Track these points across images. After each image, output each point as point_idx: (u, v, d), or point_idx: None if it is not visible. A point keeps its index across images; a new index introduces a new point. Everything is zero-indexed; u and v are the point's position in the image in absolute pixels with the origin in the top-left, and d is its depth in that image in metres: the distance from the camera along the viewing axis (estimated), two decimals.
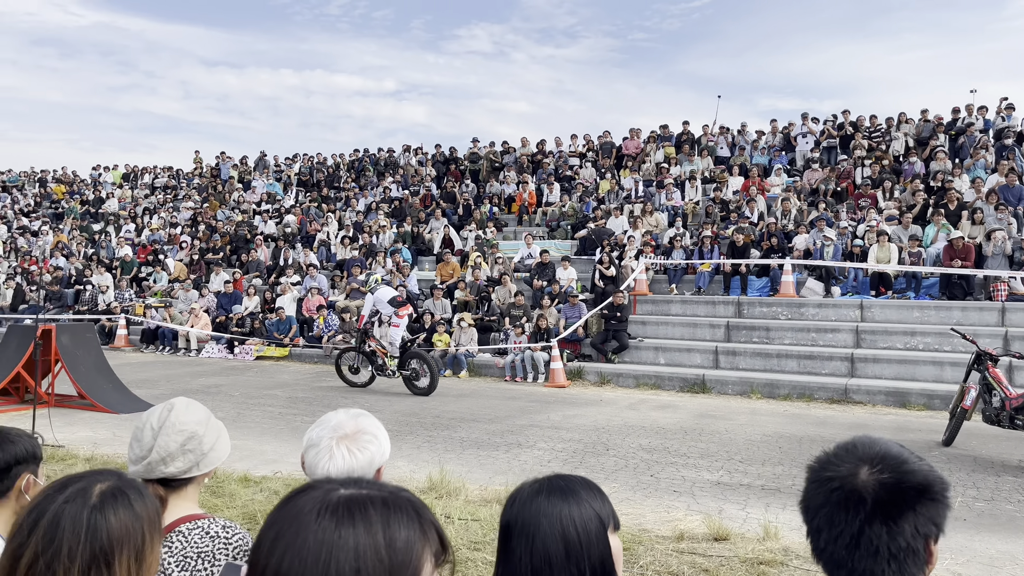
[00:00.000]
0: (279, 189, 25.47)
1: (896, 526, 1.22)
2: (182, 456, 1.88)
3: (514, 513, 1.56)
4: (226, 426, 2.10)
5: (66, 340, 10.29)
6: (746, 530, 5.41)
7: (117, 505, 1.26)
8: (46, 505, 1.22)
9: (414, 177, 23.54)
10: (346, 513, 0.91)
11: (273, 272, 19.40)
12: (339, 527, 0.90)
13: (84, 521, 1.22)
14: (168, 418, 1.90)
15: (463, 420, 9.81)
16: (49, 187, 30.89)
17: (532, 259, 17.06)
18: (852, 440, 1.35)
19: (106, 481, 1.30)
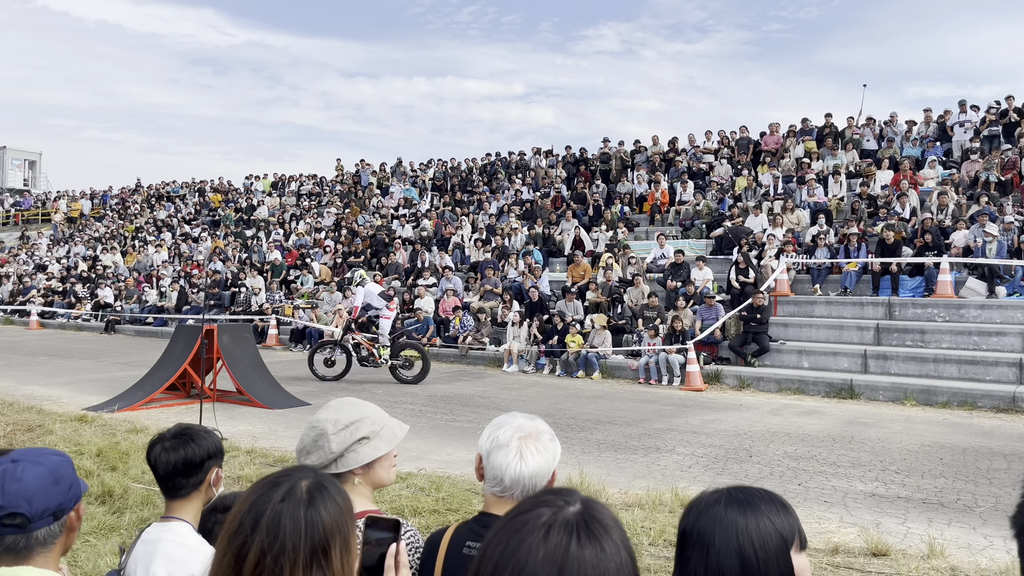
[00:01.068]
0: (415, 194, 26.30)
1: None
2: (316, 452, 1.96)
3: (690, 522, 1.53)
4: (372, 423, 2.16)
5: (226, 339, 11.04)
6: (907, 546, 5.09)
7: (325, 499, 1.33)
8: (263, 505, 1.30)
9: (544, 179, 23.69)
10: (579, 531, 0.95)
11: (411, 274, 20.05)
12: (581, 546, 0.94)
13: (302, 518, 1.29)
14: (316, 415, 2.02)
15: (599, 422, 9.77)
16: (207, 196, 33.30)
17: (665, 259, 16.78)
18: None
19: (307, 478, 1.38)
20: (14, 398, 10.54)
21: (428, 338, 16.70)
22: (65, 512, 1.54)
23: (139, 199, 36.42)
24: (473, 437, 8.83)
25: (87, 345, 18.92)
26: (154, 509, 5.71)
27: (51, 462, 1.53)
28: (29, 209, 40.35)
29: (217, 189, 33.85)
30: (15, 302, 26.49)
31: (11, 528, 1.45)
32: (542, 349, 14.98)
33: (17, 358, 15.92)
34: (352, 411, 2.03)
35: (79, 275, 27.26)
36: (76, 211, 37.10)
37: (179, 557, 1.97)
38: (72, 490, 1.56)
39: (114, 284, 25.05)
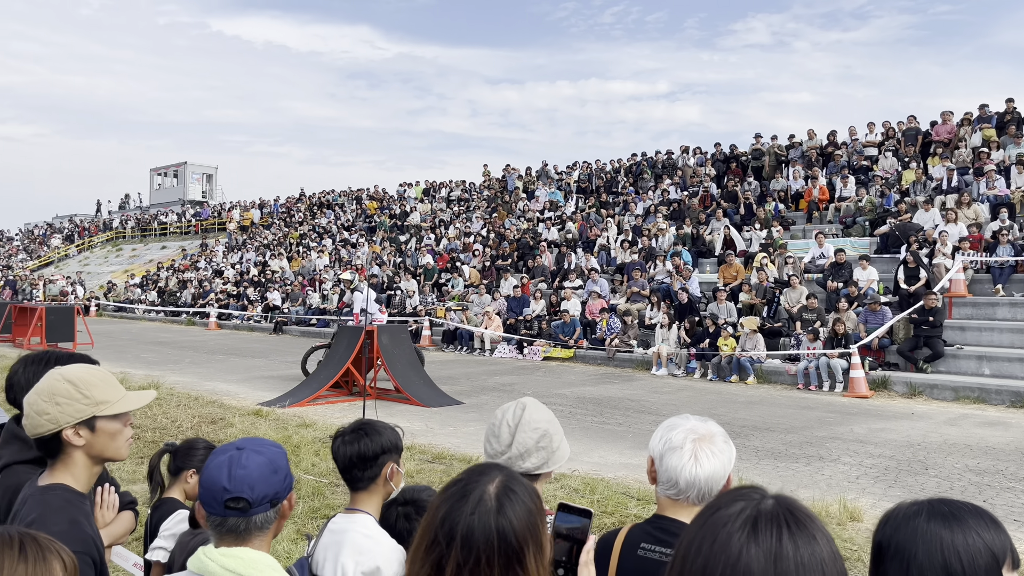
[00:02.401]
0: (560, 197, 26.45)
1: None
2: (536, 453, 1.99)
3: (887, 534, 1.44)
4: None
5: (385, 339, 11.54)
6: None
7: (515, 505, 1.36)
8: (456, 517, 1.34)
9: (692, 178, 23.15)
10: (788, 522, 0.92)
11: (557, 276, 20.17)
12: (788, 539, 0.91)
13: (494, 529, 1.33)
14: (523, 416, 2.02)
15: (756, 429, 9.42)
16: (364, 204, 34.99)
17: (825, 259, 15.95)
18: None
19: (493, 481, 1.41)
20: (199, 393, 11.51)
21: (575, 340, 16.74)
22: (280, 500, 1.65)
23: (302, 207, 38.81)
24: (624, 440, 8.75)
25: (258, 345, 20.36)
26: (323, 500, 6.05)
27: (271, 452, 1.65)
28: (207, 219, 43.95)
29: (373, 197, 35.50)
30: (196, 305, 28.93)
31: (235, 511, 1.57)
32: (692, 352, 14.63)
33: (199, 356, 17.37)
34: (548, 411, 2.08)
35: (250, 279, 29.40)
36: (247, 220, 40.05)
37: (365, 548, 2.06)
38: (287, 480, 1.67)
39: (281, 288, 26.82)
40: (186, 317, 28.30)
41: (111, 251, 46.43)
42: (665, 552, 1.86)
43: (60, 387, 1.90)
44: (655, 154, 26.03)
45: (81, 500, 1.90)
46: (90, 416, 1.91)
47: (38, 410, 1.87)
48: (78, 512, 1.85)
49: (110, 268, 41.80)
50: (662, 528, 1.89)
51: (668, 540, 1.86)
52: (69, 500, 1.86)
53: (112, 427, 1.94)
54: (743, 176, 22.05)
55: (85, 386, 1.91)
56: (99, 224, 51.69)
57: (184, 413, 9.54)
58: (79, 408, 1.90)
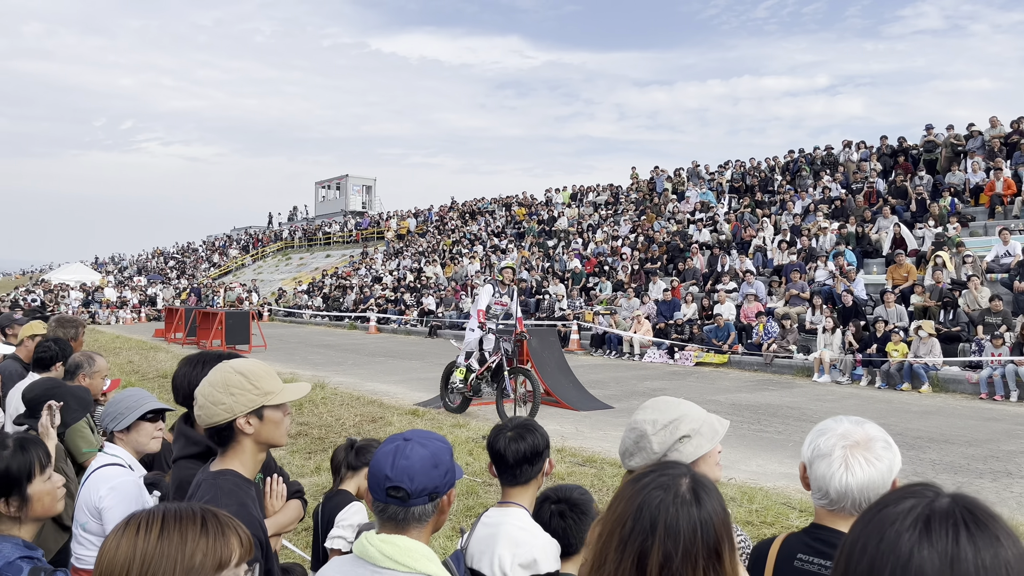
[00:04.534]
0: (712, 197, 25.72)
1: None
2: (638, 453, 1.94)
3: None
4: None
5: (535, 344, 11.66)
6: None
7: (711, 500, 1.33)
8: (655, 506, 1.32)
9: (856, 174, 21.81)
10: (966, 522, 0.85)
11: (709, 279, 19.61)
12: (967, 540, 0.83)
13: (696, 519, 1.30)
14: (633, 416, 2.01)
15: (931, 440, 8.72)
16: (513, 210, 35.59)
17: (1011, 257, 14.57)
18: None
19: (683, 475, 1.38)
20: (360, 392, 12.09)
21: (729, 345, 16.20)
22: (439, 495, 1.68)
23: (454, 215, 40.01)
24: (784, 448, 8.37)
25: (415, 347, 21.15)
26: (477, 498, 6.17)
27: (435, 447, 1.69)
28: (367, 228, 46.24)
29: (522, 203, 36.04)
30: (357, 309, 30.48)
31: (395, 500, 1.63)
32: (859, 358, 13.76)
33: (361, 358, 18.27)
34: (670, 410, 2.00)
35: (407, 285, 30.63)
36: (404, 228, 41.79)
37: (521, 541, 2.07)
38: (448, 476, 1.70)
39: (435, 293, 27.75)
40: (348, 321, 29.86)
41: (281, 260, 49.85)
42: (824, 564, 1.75)
43: (233, 379, 2.03)
44: (813, 150, 24.78)
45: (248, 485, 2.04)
46: (260, 406, 2.04)
47: (214, 400, 2.01)
48: (246, 496, 1.98)
49: (280, 276, 44.87)
50: (820, 539, 1.78)
51: (827, 551, 1.75)
52: (238, 484, 1.99)
53: (277, 416, 2.07)
54: (913, 170, 20.54)
55: (255, 377, 2.05)
56: (270, 235, 55.65)
57: (347, 412, 10.04)
58: (251, 398, 2.03)
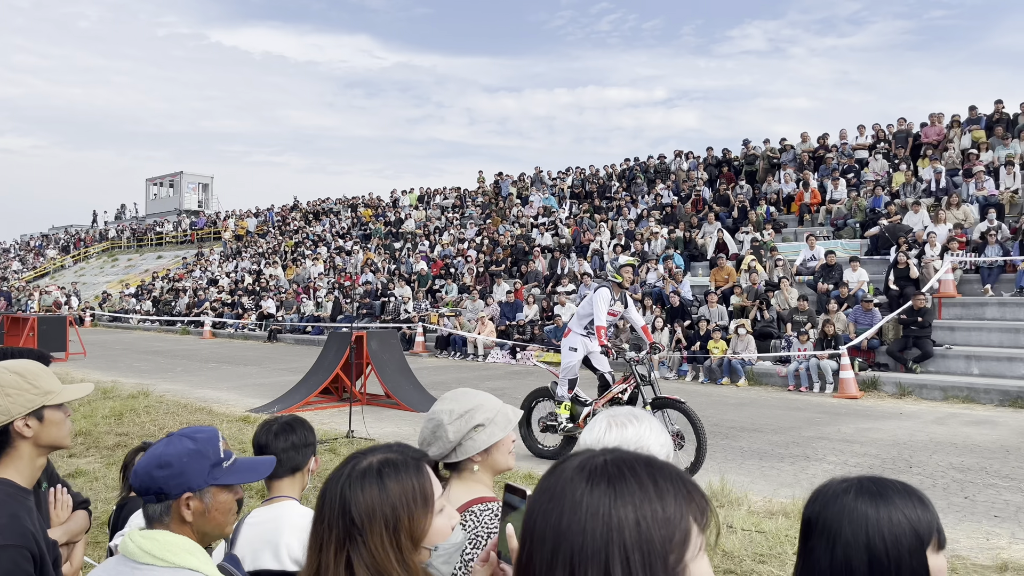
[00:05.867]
0: (554, 202, 26.50)
1: None
2: (435, 442, 2.03)
3: (815, 510, 1.44)
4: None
5: (375, 345, 11.56)
6: None
7: (368, 482, 1.38)
8: (327, 485, 1.42)
9: (685, 182, 23.22)
10: (616, 473, 0.92)
11: (550, 281, 20.20)
12: (613, 486, 0.91)
13: (338, 496, 1.38)
14: (432, 407, 2.09)
15: (743, 430, 9.44)
16: (359, 212, 35.04)
17: (816, 261, 15.99)
18: None
19: (377, 456, 1.44)
20: (188, 400, 11.51)
21: None
22: (168, 497, 1.60)
23: (297, 216, 38.86)
24: None
25: (252, 353, 20.36)
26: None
27: (168, 450, 1.62)
28: (202, 228, 44.00)
29: (368, 204, 35.55)
30: (191, 313, 28.93)
31: (147, 497, 1.61)
32: (684, 355, 14.66)
33: (192, 364, 17.37)
34: (466, 400, 2.09)
35: (245, 288, 29.42)
36: (243, 229, 40.09)
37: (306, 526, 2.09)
38: (179, 479, 1.60)
39: (276, 296, 26.83)
40: (181, 326, 28.30)
41: (107, 261, 46.44)
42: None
43: (8, 379, 1.92)
44: (647, 159, 26.11)
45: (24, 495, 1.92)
46: (40, 406, 1.93)
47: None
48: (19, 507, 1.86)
49: (105, 279, 41.80)
50: None
51: None
52: (11, 495, 1.88)
53: (58, 416, 1.97)
54: (735, 180, 22.12)
55: (32, 376, 1.94)
56: (95, 235, 51.71)
57: (172, 420, 9.54)
58: (29, 398, 1.92)
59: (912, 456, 7.80)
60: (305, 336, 23.08)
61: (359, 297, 23.72)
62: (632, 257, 9.31)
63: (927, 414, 10.28)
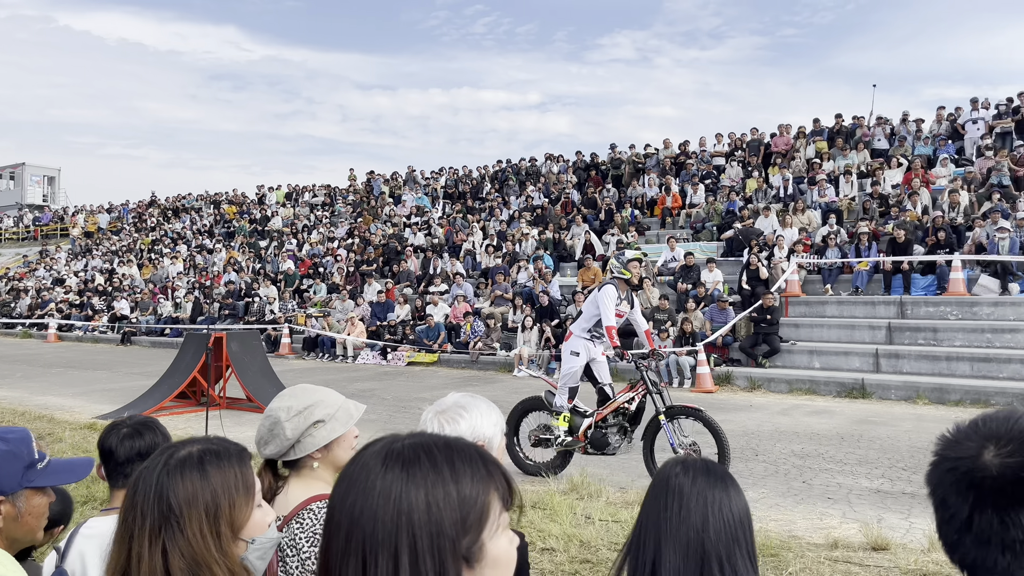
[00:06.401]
0: (427, 202, 26.41)
1: (1012, 516, 1.04)
2: (272, 440, 2.00)
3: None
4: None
5: (235, 347, 11.12)
6: (908, 540, 5.03)
7: (188, 470, 1.34)
8: (143, 472, 1.36)
9: (555, 184, 23.72)
10: (412, 457, 0.93)
11: (422, 281, 20.11)
12: (407, 470, 0.92)
13: (154, 484, 1.33)
14: (270, 404, 2.05)
15: None
16: (222, 208, 33.60)
17: (676, 262, 16.73)
18: (988, 414, 1.18)
19: (196, 446, 1.40)
20: (27, 408, 10.67)
21: (439, 345, 16.74)
22: None
23: (155, 212, 36.81)
24: None
25: (103, 356, 19.12)
26: None
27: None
28: (48, 224, 40.90)
29: (232, 201, 34.16)
30: (33, 315, 26.83)
31: None
32: (553, 353, 14.96)
33: (33, 370, 16.11)
34: (305, 397, 2.05)
35: (96, 288, 27.57)
36: (93, 225, 37.56)
37: None
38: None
39: (130, 296, 25.31)
40: (21, 329, 26.18)
41: None
42: None
43: None
44: (519, 161, 26.48)
45: None
46: None
47: None
48: None
49: None
50: None
51: None
52: None
53: None
54: (603, 184, 22.80)
55: None
56: None
57: None
58: None
59: (758, 445, 8.30)
60: (162, 339, 21.91)
61: (221, 297, 22.75)
62: (638, 251, 8.46)
63: (774, 406, 10.97)
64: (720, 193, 19.36)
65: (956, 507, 1.09)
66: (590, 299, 7.41)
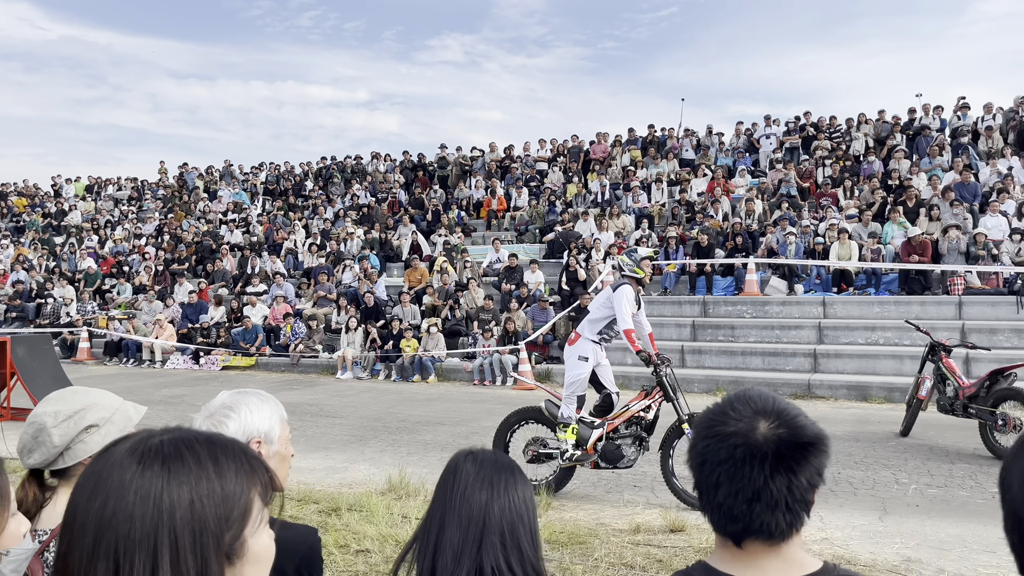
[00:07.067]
0: (245, 198, 25.26)
1: (796, 478, 1.23)
2: (37, 448, 1.86)
3: None
4: None
5: (21, 352, 10.10)
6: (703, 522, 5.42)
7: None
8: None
9: (382, 184, 23.48)
10: (173, 453, 0.90)
11: (239, 281, 19.21)
12: (168, 467, 0.88)
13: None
14: (34, 410, 1.90)
15: (428, 424, 9.77)
16: (10, 200, 30.36)
17: (500, 263, 17.07)
18: (746, 393, 1.34)
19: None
20: None
21: (257, 347, 16.07)
22: None
23: None
24: (296, 444, 8.55)
25: None
26: None
27: None
28: None
29: (22, 193, 30.94)
30: None
31: None
32: (378, 355, 14.81)
33: None
34: (75, 400, 1.91)
35: None
36: None
37: None
38: None
39: None
40: None
41: None
42: None
43: None
44: (344, 159, 25.97)
45: None
46: None
47: None
48: None
49: None
50: None
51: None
52: None
53: None
54: (430, 184, 22.85)
55: None
56: None
57: None
58: None
59: None
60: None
61: (7, 299, 20.54)
62: (650, 248, 7.73)
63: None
64: (543, 197, 20.00)
65: (749, 478, 1.24)
66: (601, 299, 6.89)
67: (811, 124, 19.70)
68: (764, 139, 19.86)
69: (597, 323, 6.78)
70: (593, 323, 6.80)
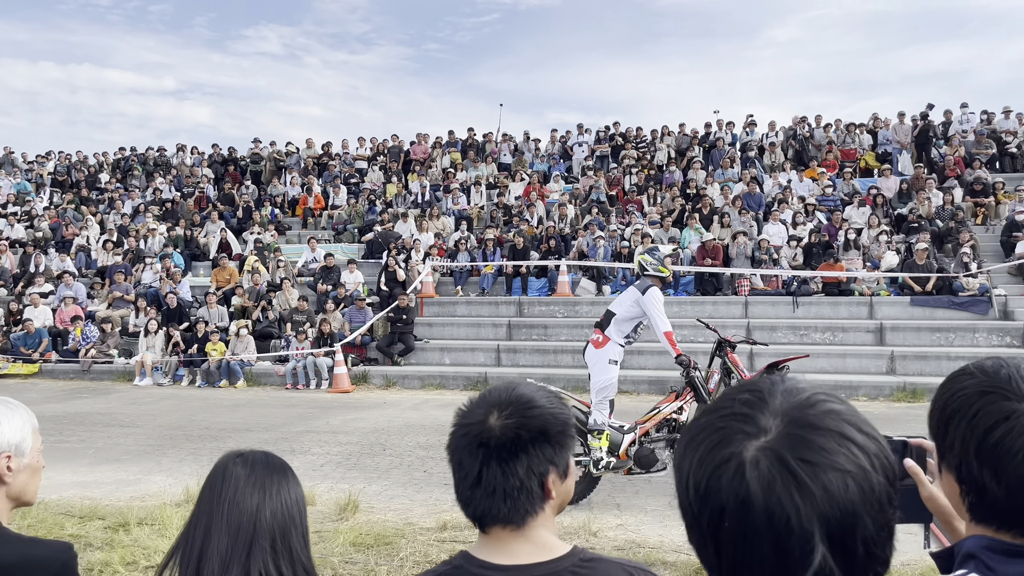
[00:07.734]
0: (29, 189, 22.88)
1: (509, 467, 1.27)
2: None
3: None
4: None
5: None
6: None
7: None
8: None
9: (189, 178, 22.12)
10: None
11: (20, 280, 17.37)
12: None
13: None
14: None
15: (235, 431, 9.33)
16: None
17: (316, 263, 16.62)
18: (493, 387, 1.40)
19: None
20: None
21: (40, 353, 14.61)
22: None
23: None
24: (83, 457, 7.91)
25: None
26: None
27: None
28: None
29: None
30: None
31: None
32: (181, 359, 13.93)
33: None
34: None
35: None
36: None
37: None
38: None
39: None
40: None
41: None
42: None
43: None
44: (146, 150, 24.21)
45: None
46: None
47: None
48: None
49: None
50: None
51: None
52: None
53: None
54: (241, 180, 21.81)
55: None
56: None
57: None
58: None
59: (387, 440, 8.59)
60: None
61: None
62: (669, 247, 7.08)
63: (407, 402, 11.44)
64: (362, 196, 19.69)
65: (470, 466, 1.30)
66: (627, 300, 6.59)
67: (620, 134, 20.80)
68: (577, 147, 20.72)
69: (625, 325, 6.56)
70: (620, 325, 6.54)
